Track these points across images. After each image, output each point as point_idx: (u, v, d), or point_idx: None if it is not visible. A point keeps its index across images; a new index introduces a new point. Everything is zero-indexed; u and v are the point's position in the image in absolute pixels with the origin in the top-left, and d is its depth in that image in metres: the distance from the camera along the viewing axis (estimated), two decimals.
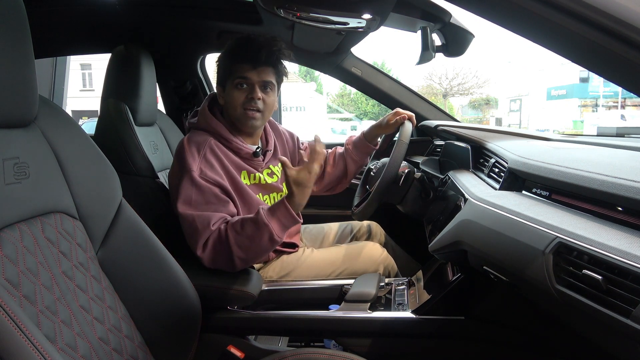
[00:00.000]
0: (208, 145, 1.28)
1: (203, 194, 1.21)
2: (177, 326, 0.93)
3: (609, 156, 0.88)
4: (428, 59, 1.55)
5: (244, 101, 1.30)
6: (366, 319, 1.19)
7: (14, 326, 0.55)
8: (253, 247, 1.16)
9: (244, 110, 1.30)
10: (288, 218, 1.16)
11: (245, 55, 1.29)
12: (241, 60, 1.29)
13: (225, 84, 1.33)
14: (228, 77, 1.31)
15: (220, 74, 1.35)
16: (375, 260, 1.44)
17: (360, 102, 24.52)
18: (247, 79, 1.29)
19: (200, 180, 1.22)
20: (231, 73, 1.30)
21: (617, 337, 0.58)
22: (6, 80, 0.70)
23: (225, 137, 1.31)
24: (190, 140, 1.29)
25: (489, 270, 0.87)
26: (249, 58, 1.29)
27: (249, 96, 1.30)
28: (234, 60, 1.30)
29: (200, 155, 1.25)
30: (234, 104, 1.31)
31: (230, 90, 1.31)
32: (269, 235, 1.14)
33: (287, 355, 0.91)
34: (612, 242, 0.57)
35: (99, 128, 1.50)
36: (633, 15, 0.54)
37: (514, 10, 0.61)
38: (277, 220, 1.15)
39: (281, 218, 1.15)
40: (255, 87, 1.30)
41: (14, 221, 0.71)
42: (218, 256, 1.18)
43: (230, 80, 1.31)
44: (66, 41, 1.87)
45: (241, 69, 1.29)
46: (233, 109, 1.32)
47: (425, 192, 1.46)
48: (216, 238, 1.17)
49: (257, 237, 1.14)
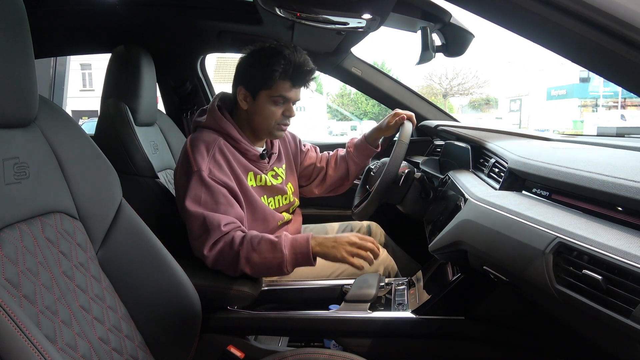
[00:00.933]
0: (217, 145, 1.28)
1: (212, 194, 1.21)
2: (177, 326, 0.93)
3: (609, 156, 0.88)
4: (428, 59, 1.55)
5: (280, 118, 1.32)
6: (366, 319, 1.19)
7: (14, 326, 0.55)
8: (260, 266, 1.16)
9: (278, 125, 1.33)
10: (304, 257, 1.15)
11: (294, 76, 1.27)
12: (286, 78, 1.27)
13: (258, 93, 1.30)
14: (264, 88, 1.29)
15: (253, 81, 1.30)
16: (376, 261, 1.44)
17: (360, 102, 24.51)
18: (288, 99, 1.31)
19: (210, 180, 1.22)
20: (271, 87, 1.28)
21: (617, 337, 0.58)
22: (6, 80, 0.70)
23: (234, 138, 1.31)
24: (198, 139, 1.28)
25: (489, 270, 0.87)
26: (295, 79, 1.28)
27: (285, 113, 1.32)
28: (278, 76, 1.27)
29: (209, 155, 1.26)
30: (270, 118, 1.32)
31: (266, 102, 1.30)
32: (279, 262, 1.15)
33: (287, 355, 0.91)
34: (612, 242, 0.57)
35: (99, 128, 1.50)
36: (633, 15, 0.54)
37: (514, 10, 0.61)
38: (293, 254, 1.15)
39: (298, 253, 1.15)
40: (290, 105, 1.32)
41: (14, 221, 0.71)
42: (223, 260, 1.18)
43: (266, 93, 1.29)
44: (66, 41, 1.87)
45: (284, 86, 1.28)
46: (266, 121, 1.32)
47: (425, 192, 1.46)
48: (228, 243, 1.17)
49: (269, 259, 1.15)
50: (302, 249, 1.15)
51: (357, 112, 24.66)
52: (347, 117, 22.66)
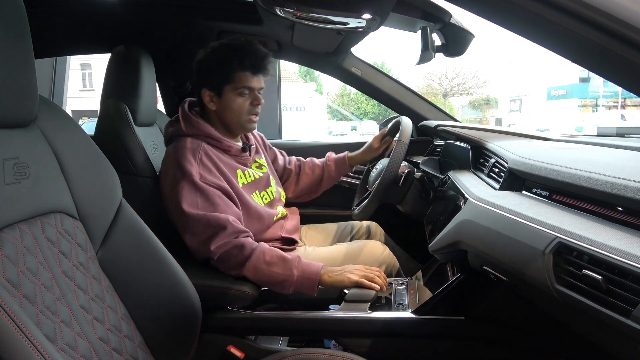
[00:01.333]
0: (202, 150, 1.30)
1: (208, 197, 1.23)
2: (177, 326, 0.93)
3: (609, 156, 0.88)
4: (428, 59, 1.55)
5: (249, 108, 1.35)
6: (366, 319, 1.19)
7: (14, 326, 0.55)
8: (264, 278, 1.21)
9: (249, 117, 1.36)
10: (310, 283, 1.20)
11: (252, 65, 1.31)
12: (245, 68, 1.31)
13: (223, 90, 1.33)
14: (227, 83, 1.32)
15: (212, 79, 1.33)
16: (377, 259, 1.45)
17: (360, 102, 24.51)
18: (251, 88, 1.33)
19: (202, 184, 1.23)
20: (233, 81, 1.31)
21: (617, 337, 0.58)
22: (6, 80, 0.70)
23: (215, 138, 1.34)
24: (181, 147, 1.29)
25: (489, 270, 0.87)
26: (254, 67, 1.31)
27: (253, 103, 1.35)
28: (236, 68, 1.30)
29: (196, 161, 1.27)
30: (239, 111, 1.34)
31: (232, 97, 1.33)
32: (284, 280, 1.19)
33: (287, 355, 0.91)
34: (612, 242, 0.57)
35: (99, 128, 1.50)
36: (633, 15, 0.54)
37: (514, 10, 0.61)
38: (301, 277, 1.19)
39: (305, 278, 1.20)
40: (256, 93, 1.35)
41: (14, 221, 0.71)
42: (229, 261, 1.20)
43: (230, 87, 1.32)
44: (66, 41, 1.87)
45: (245, 77, 1.31)
46: (237, 115, 1.35)
47: (425, 192, 1.46)
48: (239, 246, 1.19)
49: (276, 274, 1.19)
50: (311, 275, 1.20)
51: (357, 112, 24.66)
52: (347, 117, 22.66)
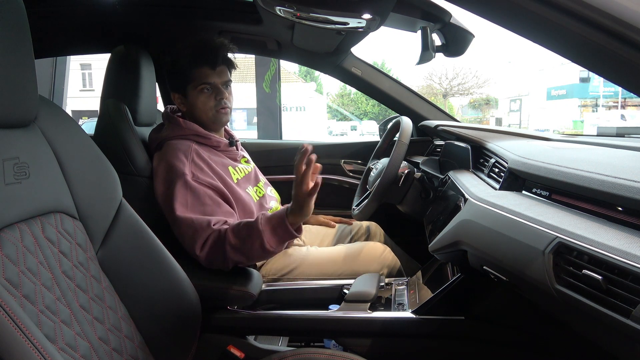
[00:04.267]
0: (193, 150, 1.31)
1: (198, 196, 1.23)
2: (177, 326, 0.93)
3: (609, 156, 0.88)
4: (428, 59, 1.55)
5: (214, 103, 1.36)
6: (366, 319, 1.19)
7: (14, 326, 0.55)
8: (245, 251, 1.14)
9: (216, 112, 1.37)
10: (284, 229, 1.12)
11: (206, 60, 1.33)
12: (201, 65, 1.33)
13: (186, 90, 1.36)
14: (188, 83, 1.35)
15: (177, 81, 1.37)
16: (377, 259, 1.44)
17: (360, 102, 24.53)
18: (211, 83, 1.35)
19: (194, 183, 1.24)
20: (192, 79, 1.34)
21: (617, 337, 0.58)
22: (6, 80, 0.70)
23: (203, 135, 1.36)
24: (172, 149, 1.30)
25: (489, 270, 0.87)
26: (208, 62, 1.33)
27: (217, 97, 1.36)
28: (193, 66, 1.33)
29: (188, 160, 1.28)
30: (204, 108, 1.36)
31: (195, 96, 1.36)
32: (259, 242, 1.12)
33: (287, 355, 0.91)
34: (612, 242, 0.57)
35: (99, 128, 1.50)
36: (633, 15, 0.54)
37: (514, 10, 0.61)
38: (272, 230, 1.12)
39: (277, 228, 1.12)
40: (219, 87, 1.36)
41: (14, 221, 0.71)
42: (214, 256, 1.18)
43: (191, 86, 1.35)
44: (66, 41, 1.87)
45: (203, 74, 1.34)
46: (204, 113, 1.37)
47: (425, 192, 1.46)
48: (216, 237, 1.17)
49: (249, 242, 1.13)
50: (279, 223, 1.12)
51: (357, 112, 24.67)
52: (347, 117, 22.67)
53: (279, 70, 2.97)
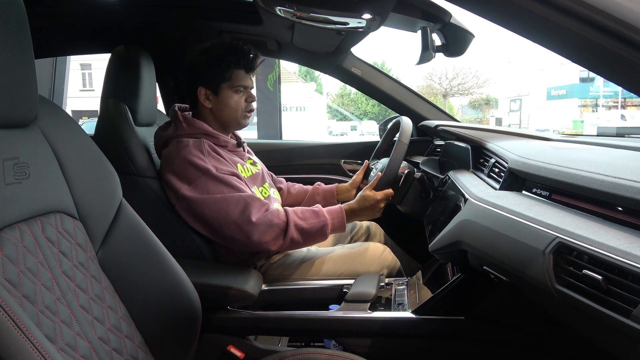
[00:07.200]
0: (206, 144, 1.33)
1: (229, 184, 1.28)
2: (177, 326, 0.93)
3: (609, 156, 0.88)
4: (428, 59, 1.55)
5: (245, 106, 1.41)
6: (366, 319, 1.19)
7: (14, 326, 0.55)
8: (307, 232, 1.29)
9: (244, 113, 1.42)
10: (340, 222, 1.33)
11: (246, 64, 1.38)
12: (240, 67, 1.37)
13: (220, 87, 1.37)
14: (224, 81, 1.37)
15: (212, 78, 1.38)
16: (378, 259, 1.44)
17: (360, 102, 24.51)
18: (246, 86, 1.40)
19: (220, 175, 1.28)
20: (230, 78, 1.37)
21: (617, 337, 0.58)
22: (6, 80, 0.70)
23: (213, 135, 1.38)
24: (184, 147, 1.31)
25: (489, 270, 0.87)
26: (247, 66, 1.38)
27: (248, 100, 1.41)
28: (233, 67, 1.36)
29: (205, 155, 1.30)
30: (236, 108, 1.40)
31: (229, 95, 1.38)
32: (322, 226, 1.29)
33: (287, 355, 0.91)
34: (612, 242, 0.57)
35: (99, 128, 1.50)
36: (633, 15, 0.54)
37: (514, 10, 0.61)
38: (332, 219, 1.32)
39: (335, 218, 1.32)
40: (249, 91, 1.41)
41: (14, 221, 0.71)
42: (272, 229, 1.25)
43: (227, 85, 1.37)
44: (66, 41, 1.87)
45: (240, 76, 1.38)
46: (234, 111, 1.40)
47: (425, 192, 1.46)
48: (275, 213, 1.27)
49: (314, 224, 1.29)
50: (337, 215, 1.33)
51: (357, 112, 24.66)
52: (347, 117, 22.66)
53: (279, 70, 2.98)
